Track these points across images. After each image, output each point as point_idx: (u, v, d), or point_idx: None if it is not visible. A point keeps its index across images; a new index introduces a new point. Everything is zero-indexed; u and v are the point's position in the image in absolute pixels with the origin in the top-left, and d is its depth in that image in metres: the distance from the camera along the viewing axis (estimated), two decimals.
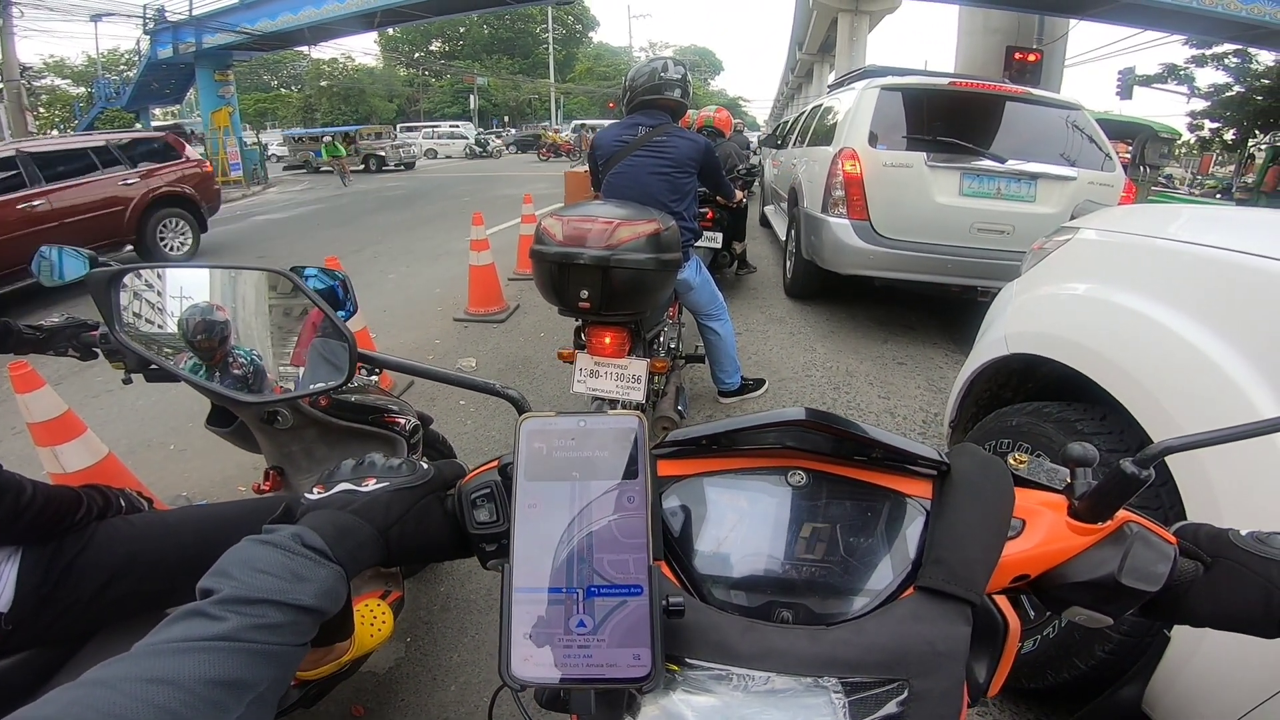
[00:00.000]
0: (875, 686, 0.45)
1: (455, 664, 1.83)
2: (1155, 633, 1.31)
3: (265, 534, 0.46)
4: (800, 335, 4.61)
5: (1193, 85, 20.04)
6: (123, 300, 0.60)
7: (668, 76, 2.69)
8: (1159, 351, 1.35)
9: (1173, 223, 1.63)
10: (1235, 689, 1.11)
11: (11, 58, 12.49)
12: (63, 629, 1.02)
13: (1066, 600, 0.52)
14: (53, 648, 1.03)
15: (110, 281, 0.58)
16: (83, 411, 2.29)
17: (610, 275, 1.91)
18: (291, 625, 0.42)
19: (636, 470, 0.44)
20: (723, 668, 0.46)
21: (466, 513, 0.54)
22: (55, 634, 1.02)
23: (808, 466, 0.54)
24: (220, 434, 1.51)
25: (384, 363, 0.59)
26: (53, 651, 1.03)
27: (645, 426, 0.46)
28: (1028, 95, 4.43)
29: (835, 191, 4.30)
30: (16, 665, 0.99)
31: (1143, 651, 1.33)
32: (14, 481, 0.97)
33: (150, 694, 0.34)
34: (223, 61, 16.93)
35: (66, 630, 1.03)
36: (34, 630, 0.99)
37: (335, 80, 46.12)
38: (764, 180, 8.25)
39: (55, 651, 1.03)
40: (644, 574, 0.41)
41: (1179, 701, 1.22)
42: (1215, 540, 0.53)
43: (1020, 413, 1.67)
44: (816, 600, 0.49)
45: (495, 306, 5.07)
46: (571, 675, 0.40)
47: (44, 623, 0.99)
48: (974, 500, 0.50)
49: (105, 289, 0.56)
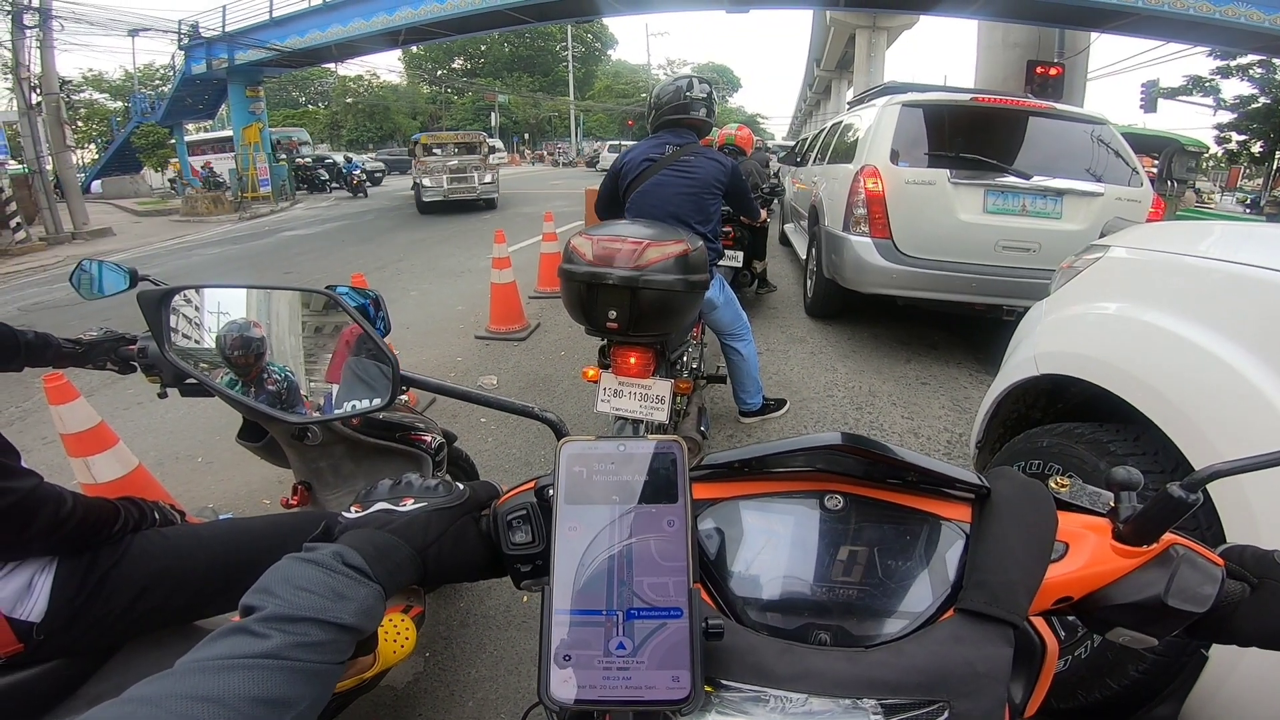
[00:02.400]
0: (914, 708, 0.44)
1: (474, 679, 1.83)
2: (1191, 652, 1.28)
3: (306, 552, 0.47)
4: (821, 355, 4.59)
5: (1218, 97, 19.77)
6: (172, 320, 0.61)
7: (693, 95, 2.70)
8: (1194, 372, 1.33)
9: (1205, 240, 1.60)
10: (1272, 711, 1.08)
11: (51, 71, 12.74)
12: (92, 640, 1.03)
13: (1110, 622, 0.52)
14: (81, 658, 1.03)
15: (161, 301, 0.59)
16: (113, 424, 2.34)
17: (638, 296, 1.92)
18: (332, 644, 0.42)
19: (676, 494, 0.45)
20: (759, 689, 0.46)
21: (502, 534, 0.54)
22: (84, 645, 1.03)
23: (843, 490, 0.54)
24: (251, 448, 1.53)
25: (425, 385, 0.60)
26: (80, 662, 1.04)
27: (685, 451, 0.46)
28: (1051, 110, 4.38)
29: (857, 210, 4.27)
30: (44, 674, 0.99)
31: (1178, 671, 1.30)
32: (54, 493, 0.98)
33: (195, 712, 0.34)
34: (254, 78, 17.35)
35: (96, 641, 1.03)
36: (64, 641, 0.99)
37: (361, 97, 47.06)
38: (784, 199, 8.25)
39: (83, 661, 1.04)
40: (684, 596, 0.42)
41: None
42: (1261, 561, 0.53)
43: (1050, 434, 1.65)
44: (854, 622, 0.49)
45: (516, 324, 5.09)
46: (610, 697, 0.40)
47: (75, 634, 1.00)
48: (1016, 523, 0.50)
49: (156, 308, 0.58)
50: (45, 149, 12.13)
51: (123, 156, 24.09)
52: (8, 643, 0.95)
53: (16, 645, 0.96)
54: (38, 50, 12.31)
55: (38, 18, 11.94)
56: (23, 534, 0.94)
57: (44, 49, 12.38)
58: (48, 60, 12.55)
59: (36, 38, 12.19)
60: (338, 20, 16.02)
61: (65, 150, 13.09)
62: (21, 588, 0.96)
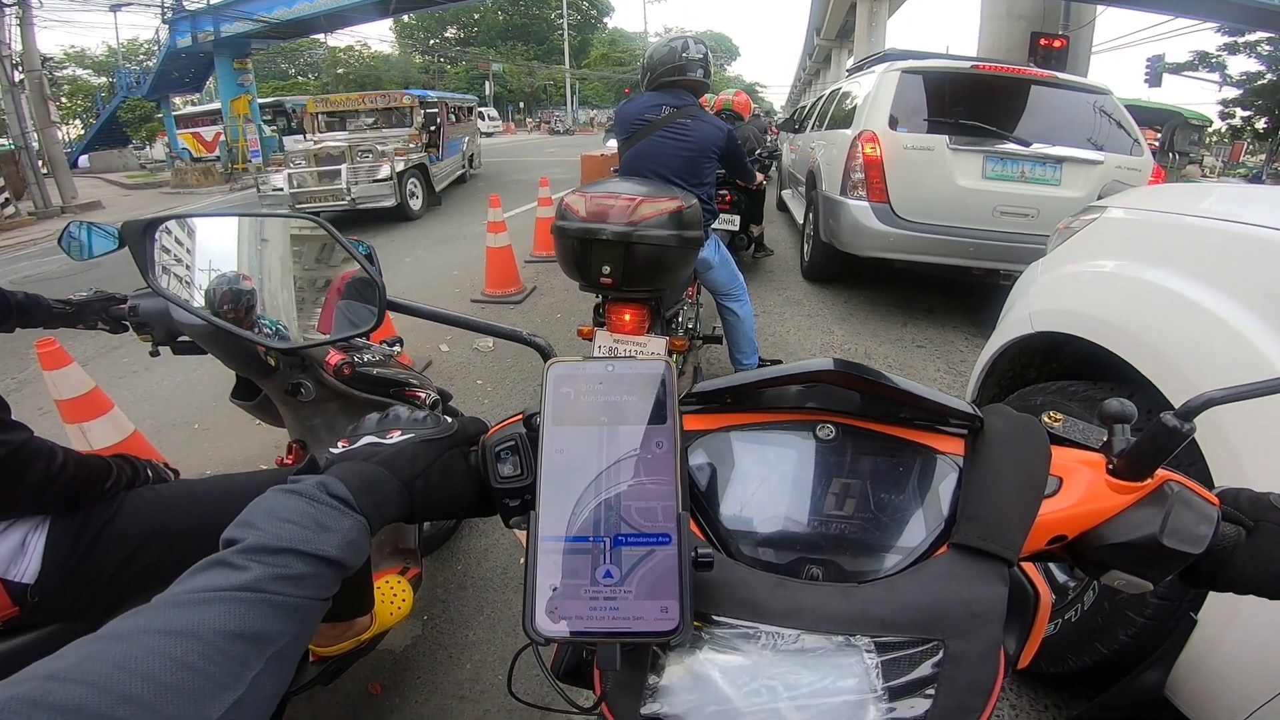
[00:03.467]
0: (909, 646, 0.44)
1: (471, 641, 1.84)
2: (1180, 617, 1.28)
3: (290, 483, 0.46)
4: (818, 318, 4.60)
5: (1224, 73, 19.52)
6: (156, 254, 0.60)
7: (689, 56, 2.65)
8: (1191, 328, 1.32)
9: (1205, 200, 1.59)
10: (1262, 676, 1.08)
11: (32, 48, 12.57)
12: (88, 602, 1.01)
13: (1105, 564, 0.50)
14: (78, 621, 1.02)
15: (145, 230, 0.58)
16: (109, 392, 2.32)
17: (632, 251, 1.92)
18: (314, 577, 0.40)
19: (665, 415, 0.43)
20: (751, 625, 0.45)
21: (490, 467, 0.53)
22: (81, 607, 1.01)
23: (835, 421, 0.53)
24: (244, 407, 1.53)
25: (409, 309, 0.59)
26: (77, 626, 1.02)
27: (674, 371, 0.45)
28: (1054, 79, 4.35)
29: (854, 174, 4.26)
30: (41, 640, 0.98)
31: (1167, 636, 1.29)
32: (45, 448, 0.97)
33: (167, 646, 0.33)
34: (241, 50, 16.96)
35: (92, 603, 1.02)
36: (60, 603, 0.98)
37: (351, 68, 46.22)
38: (781, 164, 8.19)
39: (80, 626, 1.03)
40: (673, 522, 0.41)
41: (1203, 688, 1.19)
42: (1257, 504, 0.51)
43: (1044, 392, 1.65)
44: (847, 557, 0.48)
45: (512, 288, 5.09)
46: (597, 629, 0.39)
47: (70, 595, 0.99)
48: (1009, 456, 0.49)
49: (140, 237, 0.57)
50: (30, 125, 11.97)
51: (109, 131, 23.72)
52: (3, 606, 0.94)
53: (12, 609, 0.95)
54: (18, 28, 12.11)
55: None
56: (14, 489, 0.93)
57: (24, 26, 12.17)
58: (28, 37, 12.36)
59: (16, 15, 11.97)
60: None
61: (50, 126, 12.89)
62: (14, 548, 0.95)
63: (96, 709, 0.29)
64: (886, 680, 0.43)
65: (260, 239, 0.81)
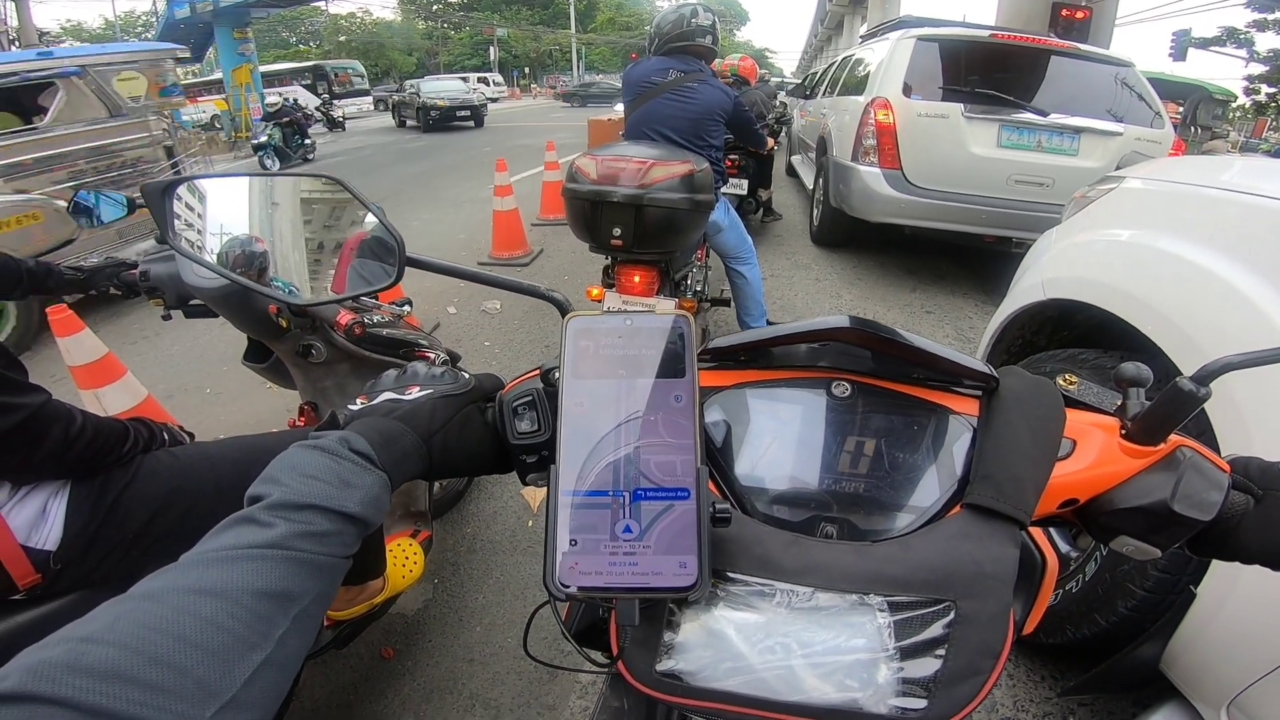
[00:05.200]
0: (921, 607, 0.44)
1: (481, 605, 1.86)
2: (1180, 591, 1.28)
3: (313, 439, 0.46)
4: (826, 282, 4.57)
5: (1252, 49, 19.04)
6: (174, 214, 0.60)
7: (698, 23, 2.62)
8: (1205, 298, 1.31)
9: (1224, 172, 1.56)
10: (1257, 652, 1.08)
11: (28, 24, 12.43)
12: (110, 568, 1.01)
13: (1115, 529, 0.50)
14: (101, 589, 1.01)
15: (165, 191, 0.58)
16: (120, 357, 2.34)
17: (643, 213, 1.91)
18: (337, 535, 0.41)
19: (684, 369, 0.43)
20: (766, 583, 0.46)
21: (508, 422, 0.53)
22: (103, 574, 1.01)
23: (851, 379, 0.53)
24: (256, 369, 1.54)
25: (428, 265, 0.59)
26: (102, 593, 0.99)
27: (692, 325, 0.45)
28: (1074, 49, 4.27)
29: (866, 140, 4.21)
30: (64, 608, 0.98)
31: (1166, 610, 1.30)
32: (64, 411, 0.96)
33: (196, 606, 0.33)
34: (241, 19, 16.65)
35: (114, 570, 1.01)
36: (82, 570, 0.98)
37: (354, 35, 45.48)
38: (791, 130, 8.08)
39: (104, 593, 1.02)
40: (691, 476, 0.41)
41: (1199, 661, 1.19)
42: (1267, 473, 0.51)
43: (1054, 359, 1.64)
44: (861, 516, 0.49)
45: (519, 250, 5.09)
46: (617, 584, 0.39)
47: (92, 561, 0.99)
48: (1023, 418, 0.48)
49: (160, 198, 0.57)
50: None
51: None
52: (26, 574, 0.93)
53: (35, 576, 0.94)
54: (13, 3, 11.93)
55: None
56: (34, 453, 0.92)
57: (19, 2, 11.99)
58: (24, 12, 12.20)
59: None
60: None
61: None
62: (36, 514, 0.95)
63: (130, 671, 0.29)
64: (898, 640, 0.44)
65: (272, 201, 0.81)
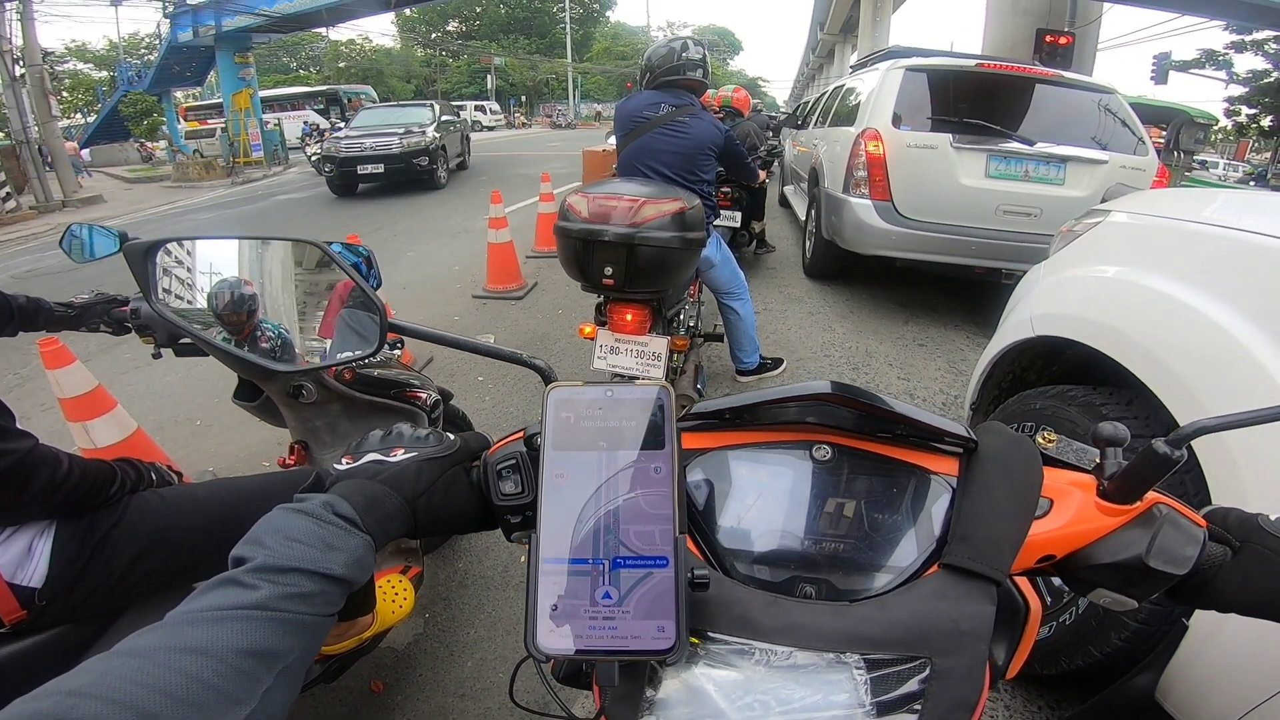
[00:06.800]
0: (897, 664, 0.45)
1: (472, 639, 1.85)
2: (1172, 621, 1.29)
3: (297, 502, 0.46)
4: (819, 315, 4.59)
5: (1231, 71, 19.44)
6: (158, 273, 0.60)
7: (688, 57, 2.66)
8: (1190, 336, 1.32)
9: (1207, 206, 1.58)
10: (1250, 681, 1.08)
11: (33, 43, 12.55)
12: (95, 605, 1.02)
13: (1092, 582, 0.51)
14: (85, 624, 1.03)
15: (147, 253, 0.58)
16: (111, 388, 2.33)
17: (635, 253, 1.91)
18: (321, 595, 0.41)
19: (663, 441, 0.44)
20: (745, 642, 0.46)
21: (492, 484, 0.53)
22: (88, 610, 1.02)
23: (831, 441, 0.53)
24: (247, 408, 1.53)
25: (412, 332, 0.59)
26: (85, 627, 1.03)
27: (672, 397, 0.46)
28: (1058, 78, 4.33)
29: (857, 172, 4.25)
30: (50, 641, 0.98)
31: (1159, 640, 1.31)
32: (50, 455, 0.97)
33: (183, 663, 0.34)
34: (242, 44, 16.90)
35: (99, 606, 1.03)
36: (67, 606, 0.99)
37: (353, 62, 46.10)
38: (784, 161, 8.18)
39: (88, 627, 1.03)
40: (670, 546, 0.41)
41: (1193, 692, 1.20)
42: (1245, 525, 0.52)
43: (1044, 396, 1.65)
44: (840, 576, 0.49)
45: (514, 284, 5.10)
46: (596, 647, 0.40)
47: (77, 598, 0.99)
48: (1002, 478, 0.49)
49: (142, 260, 0.57)
50: (31, 120, 11.96)
51: (110, 125, 23.67)
52: (11, 609, 0.94)
53: (20, 612, 0.95)
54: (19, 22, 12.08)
55: None
56: (20, 496, 0.93)
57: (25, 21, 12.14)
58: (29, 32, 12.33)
59: (17, 10, 11.94)
60: None
61: (51, 121, 12.87)
62: (21, 552, 0.96)
63: None
64: (875, 696, 0.45)
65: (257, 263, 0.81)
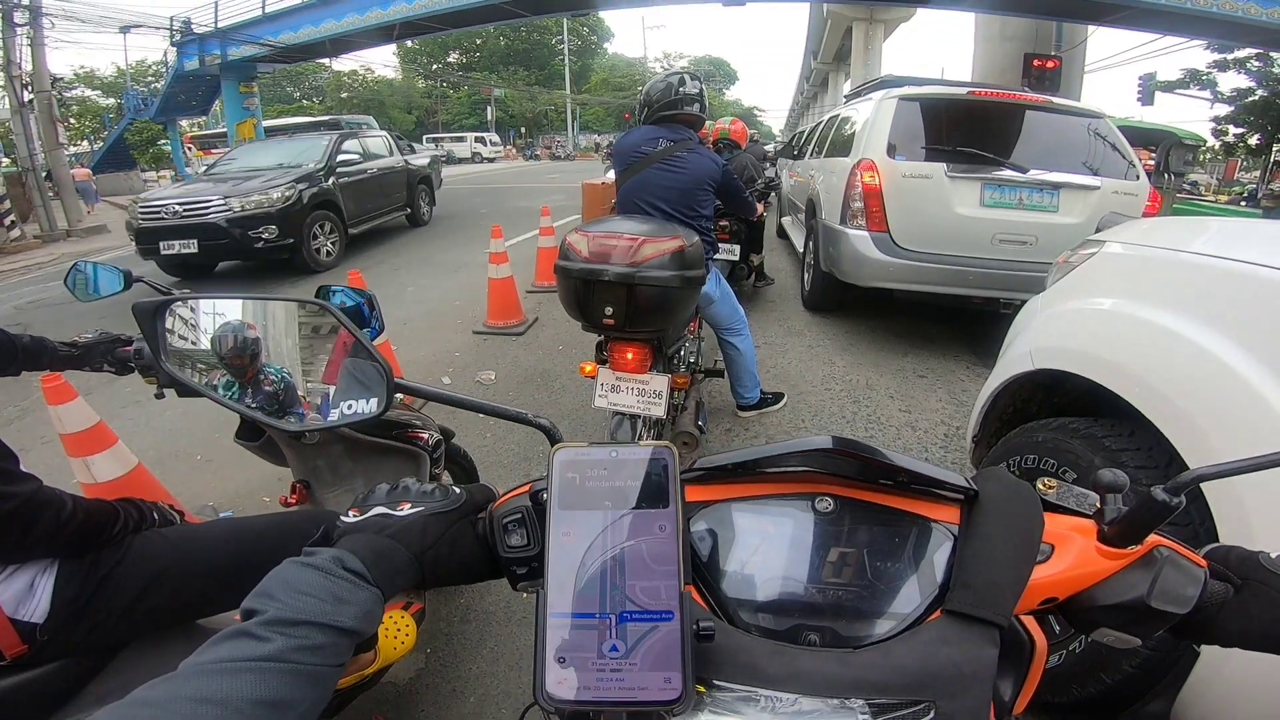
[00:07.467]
0: (902, 708, 0.45)
1: (474, 675, 1.84)
2: (1184, 649, 1.29)
3: (306, 556, 0.47)
4: (819, 348, 4.59)
5: (1215, 90, 19.74)
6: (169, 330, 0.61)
7: (686, 91, 2.71)
8: (1188, 367, 1.33)
9: (1201, 236, 1.60)
10: (1263, 708, 1.09)
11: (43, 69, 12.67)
12: (95, 640, 1.04)
13: (1095, 622, 0.52)
14: (85, 658, 1.04)
15: (156, 312, 0.59)
16: (112, 423, 2.33)
17: (635, 292, 1.91)
18: (332, 646, 0.43)
19: (668, 499, 0.45)
20: (750, 690, 0.47)
21: (499, 537, 0.55)
22: (88, 645, 1.03)
23: (834, 492, 0.55)
24: (249, 447, 1.54)
25: (418, 392, 0.60)
26: (85, 661, 1.04)
27: (676, 457, 0.47)
28: (1049, 104, 4.38)
29: (854, 203, 4.28)
30: (49, 674, 1.00)
31: (1170, 666, 1.31)
32: (54, 497, 0.98)
33: (198, 714, 0.35)
34: (247, 73, 17.21)
35: (99, 641, 1.04)
36: (68, 641, 1.00)
37: (355, 92, 46.84)
38: (781, 192, 8.25)
39: (87, 661, 1.05)
40: (675, 600, 0.42)
41: (1206, 716, 1.20)
42: (1246, 562, 0.54)
43: (1046, 428, 1.66)
44: (843, 623, 0.50)
45: (514, 319, 5.10)
46: (604, 698, 0.41)
47: (78, 634, 1.01)
48: (1003, 525, 0.51)
49: (152, 319, 0.58)
50: (38, 146, 12.06)
51: (117, 153, 23.97)
52: (12, 644, 0.96)
53: (21, 646, 0.96)
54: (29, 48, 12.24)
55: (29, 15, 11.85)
56: (24, 539, 0.94)
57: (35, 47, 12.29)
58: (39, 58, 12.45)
59: (28, 35, 12.11)
60: (331, 15, 15.88)
61: (58, 148, 12.99)
62: (23, 589, 0.97)
63: None
64: None
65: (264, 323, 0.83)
